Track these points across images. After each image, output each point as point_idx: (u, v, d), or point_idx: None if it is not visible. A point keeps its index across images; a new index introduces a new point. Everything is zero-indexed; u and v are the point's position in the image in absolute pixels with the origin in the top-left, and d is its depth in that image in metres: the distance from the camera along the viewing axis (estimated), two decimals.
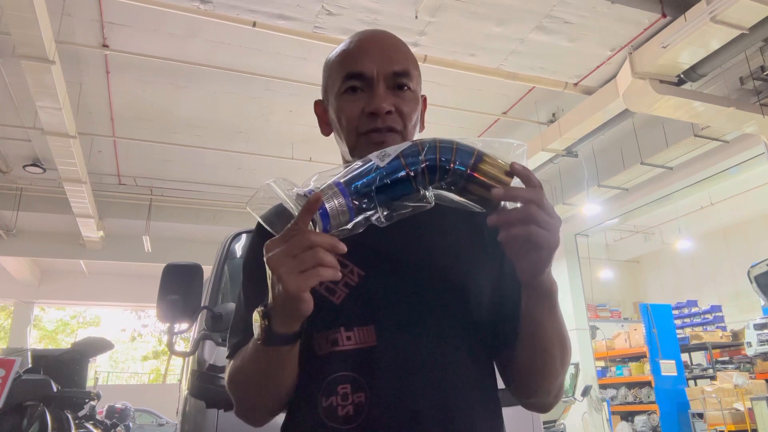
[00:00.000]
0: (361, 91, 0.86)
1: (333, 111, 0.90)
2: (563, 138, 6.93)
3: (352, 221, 0.68)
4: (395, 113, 0.85)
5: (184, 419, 2.36)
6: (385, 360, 0.78)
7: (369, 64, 0.85)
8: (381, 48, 0.87)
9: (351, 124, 0.86)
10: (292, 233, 0.66)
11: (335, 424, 0.77)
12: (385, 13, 5.29)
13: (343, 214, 0.67)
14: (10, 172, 8.81)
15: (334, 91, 0.89)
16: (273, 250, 0.67)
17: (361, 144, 0.85)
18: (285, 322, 0.71)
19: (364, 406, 0.76)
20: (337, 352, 0.80)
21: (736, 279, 10.12)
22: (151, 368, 26.46)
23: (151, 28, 5.72)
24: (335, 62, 0.90)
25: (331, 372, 0.79)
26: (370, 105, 0.84)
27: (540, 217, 0.67)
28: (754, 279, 6.49)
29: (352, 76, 0.86)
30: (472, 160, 0.70)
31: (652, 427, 7.54)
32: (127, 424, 10.28)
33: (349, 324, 0.80)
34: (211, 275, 2.77)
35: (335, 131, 0.92)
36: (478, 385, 0.83)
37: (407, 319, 0.81)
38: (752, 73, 5.92)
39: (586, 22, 5.49)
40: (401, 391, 0.77)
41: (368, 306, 0.80)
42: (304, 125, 7.76)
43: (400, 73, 0.86)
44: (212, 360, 2.32)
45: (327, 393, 0.78)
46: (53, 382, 4.13)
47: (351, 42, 0.90)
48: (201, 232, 10.28)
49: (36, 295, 14.09)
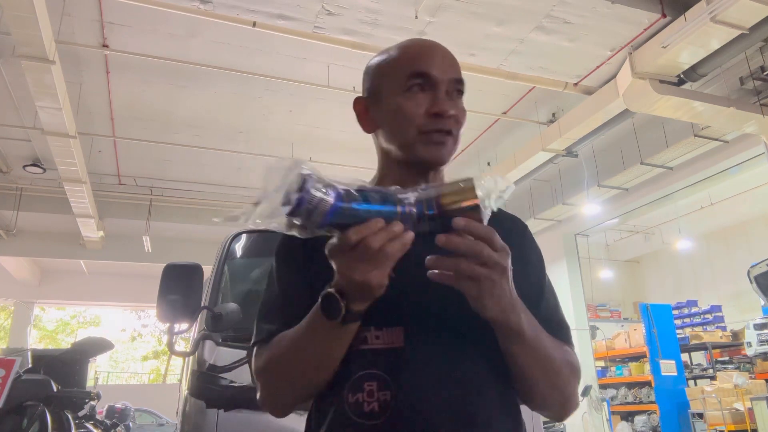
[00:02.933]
0: (422, 92, 0.89)
1: (387, 107, 0.91)
2: (563, 138, 6.93)
3: (322, 224, 0.69)
4: (454, 117, 0.89)
5: (184, 419, 2.36)
6: (412, 361, 0.82)
7: (436, 66, 0.90)
8: (443, 54, 0.93)
9: (411, 122, 0.88)
10: (364, 233, 0.68)
11: (360, 419, 0.81)
12: (385, 13, 5.29)
13: (319, 212, 0.67)
14: (10, 172, 8.81)
15: (394, 88, 0.90)
16: (352, 245, 0.69)
17: (420, 141, 0.89)
18: (360, 302, 0.74)
19: (389, 404, 0.80)
20: (366, 350, 0.83)
21: (736, 279, 10.11)
22: (151, 368, 26.47)
23: (151, 28, 5.72)
24: (397, 60, 0.92)
25: (358, 369, 0.83)
26: (436, 106, 0.88)
27: (479, 254, 0.70)
28: (754, 279, 6.49)
29: (418, 75, 0.89)
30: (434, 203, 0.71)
31: (652, 427, 7.54)
32: (127, 424, 10.28)
33: (378, 324, 0.83)
34: (211, 275, 2.77)
35: (384, 128, 0.93)
36: (499, 388, 0.86)
37: (434, 323, 0.84)
38: (752, 73, 5.92)
39: (586, 22, 5.50)
40: (425, 392, 0.80)
41: (398, 308, 0.83)
42: (304, 125, 7.76)
43: (459, 80, 0.92)
44: (212, 360, 2.32)
45: (354, 389, 0.82)
46: (53, 382, 4.13)
47: (413, 43, 0.94)
48: (201, 232, 10.28)
49: (36, 295, 14.10)
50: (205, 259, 2.72)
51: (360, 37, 5.58)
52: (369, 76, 0.97)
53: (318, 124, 7.74)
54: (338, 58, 6.19)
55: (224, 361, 2.31)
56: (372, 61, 0.97)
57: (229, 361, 2.30)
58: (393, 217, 0.70)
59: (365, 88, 0.98)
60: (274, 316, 0.90)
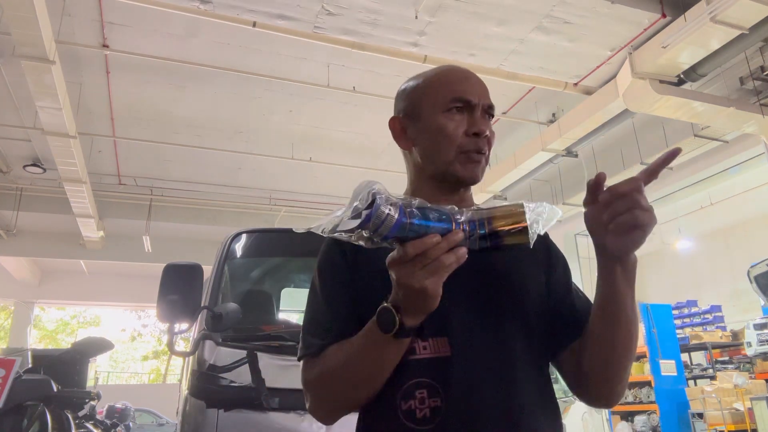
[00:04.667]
0: (461, 114, 0.97)
1: (427, 127, 0.99)
2: (563, 138, 6.93)
3: (386, 237, 0.75)
4: (487, 138, 0.99)
5: (184, 419, 2.36)
6: (459, 369, 0.88)
7: (474, 92, 0.99)
8: (478, 81, 1.02)
9: (452, 142, 0.97)
10: (424, 246, 0.74)
11: (413, 425, 0.87)
12: (385, 13, 5.29)
13: (386, 226, 0.74)
14: (10, 172, 8.81)
15: (434, 110, 0.98)
16: (412, 256, 0.75)
17: (459, 160, 0.97)
18: (415, 316, 0.80)
19: (440, 410, 0.86)
20: (414, 360, 0.89)
21: (736, 279, 10.11)
22: (151, 368, 26.48)
23: (151, 28, 5.72)
24: (440, 84, 1.00)
25: (408, 378, 0.88)
26: (475, 126, 0.97)
27: (642, 202, 0.80)
28: (754, 279, 6.49)
29: (459, 99, 0.97)
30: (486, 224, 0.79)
31: (651, 427, 7.53)
32: (127, 424, 10.28)
33: (424, 335, 0.88)
34: (211, 275, 2.77)
35: (422, 145, 1.00)
36: (542, 391, 0.93)
37: (479, 332, 0.91)
38: (752, 73, 5.92)
39: (586, 22, 5.50)
40: (472, 397, 0.87)
41: (443, 318, 0.88)
42: (304, 125, 7.76)
43: (491, 106, 1.02)
44: (212, 360, 2.32)
45: (406, 397, 0.88)
46: (53, 382, 4.12)
47: (450, 71, 1.03)
48: (201, 232, 10.28)
49: (36, 295, 14.10)
50: (205, 259, 2.72)
51: (360, 37, 5.58)
52: (406, 97, 1.04)
53: (318, 124, 7.74)
54: (338, 58, 6.19)
55: (224, 361, 2.31)
56: (408, 83, 1.05)
57: (229, 361, 2.30)
58: (448, 233, 0.76)
59: (400, 108, 1.05)
60: (321, 330, 0.94)
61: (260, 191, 9.74)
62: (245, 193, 9.73)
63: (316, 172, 8.95)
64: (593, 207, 0.84)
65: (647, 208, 0.81)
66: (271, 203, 9.93)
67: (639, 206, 0.80)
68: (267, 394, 2.20)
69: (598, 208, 0.83)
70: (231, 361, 2.29)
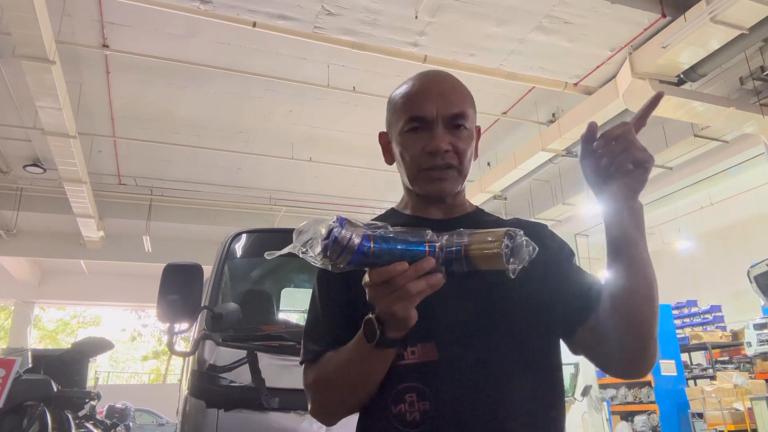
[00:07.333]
0: (422, 131, 0.96)
1: (396, 146, 1.01)
2: (563, 138, 6.93)
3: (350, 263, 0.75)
4: (452, 151, 0.96)
5: (184, 419, 2.36)
6: (446, 373, 0.89)
7: (430, 107, 0.96)
8: (441, 92, 0.98)
9: (413, 161, 0.97)
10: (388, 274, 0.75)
11: (404, 427, 0.89)
12: (385, 13, 5.29)
13: (346, 254, 0.73)
14: (10, 172, 8.81)
15: (398, 130, 0.99)
16: (377, 283, 0.76)
17: (421, 178, 0.98)
18: (395, 330, 0.80)
19: (429, 413, 0.88)
20: (403, 365, 0.90)
21: (736, 279, 10.09)
22: (151, 368, 26.46)
23: (151, 28, 5.72)
24: (399, 104, 1.00)
25: (398, 382, 0.90)
26: (430, 145, 0.95)
27: (636, 141, 0.83)
28: (754, 279, 6.49)
29: (414, 119, 0.96)
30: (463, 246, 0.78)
31: (651, 427, 7.54)
32: (127, 424, 10.28)
33: (412, 340, 0.87)
34: (211, 275, 2.77)
35: (397, 163, 1.04)
36: (537, 393, 0.92)
37: (465, 335, 0.91)
38: (752, 73, 5.92)
39: (586, 22, 5.50)
40: (461, 401, 0.88)
41: (429, 323, 0.87)
42: (304, 125, 7.76)
43: (458, 114, 0.97)
44: (212, 360, 2.33)
45: (396, 401, 0.90)
46: (53, 382, 4.12)
47: (414, 84, 1.00)
48: (201, 232, 10.28)
49: (36, 295, 14.09)
50: (205, 259, 2.72)
51: (360, 37, 5.58)
52: (388, 110, 1.05)
53: (318, 124, 7.74)
54: (338, 58, 6.19)
55: (224, 361, 2.31)
56: (393, 93, 1.05)
57: (229, 361, 2.30)
58: (420, 256, 0.76)
59: (386, 120, 1.06)
60: (319, 337, 0.98)
61: (260, 191, 9.74)
62: (245, 193, 9.73)
63: (316, 172, 8.95)
64: (590, 158, 0.86)
65: (642, 147, 0.83)
66: (271, 203, 9.93)
67: (634, 145, 0.83)
68: (267, 394, 2.21)
69: (596, 157, 0.85)
70: (231, 361, 2.29)
